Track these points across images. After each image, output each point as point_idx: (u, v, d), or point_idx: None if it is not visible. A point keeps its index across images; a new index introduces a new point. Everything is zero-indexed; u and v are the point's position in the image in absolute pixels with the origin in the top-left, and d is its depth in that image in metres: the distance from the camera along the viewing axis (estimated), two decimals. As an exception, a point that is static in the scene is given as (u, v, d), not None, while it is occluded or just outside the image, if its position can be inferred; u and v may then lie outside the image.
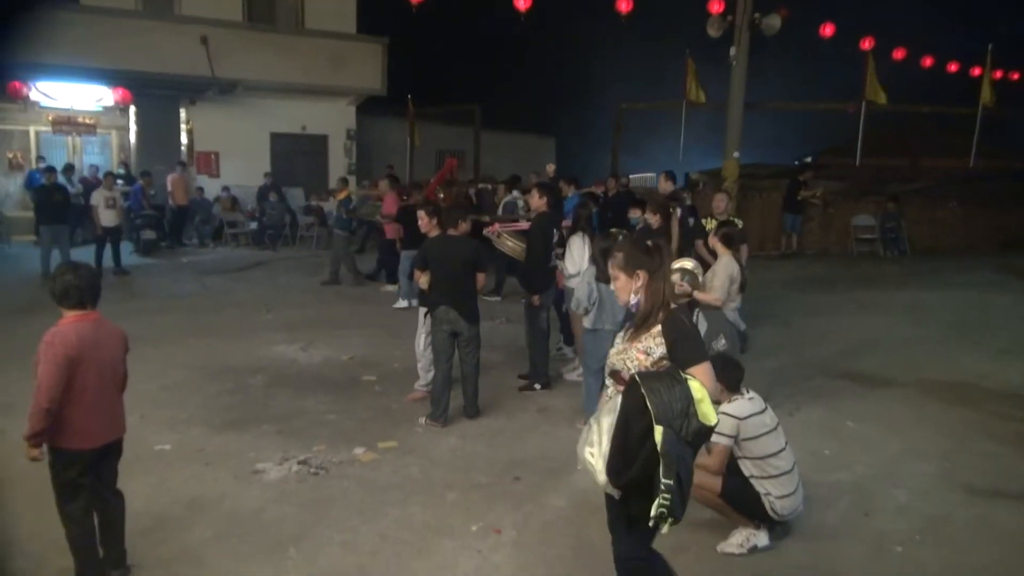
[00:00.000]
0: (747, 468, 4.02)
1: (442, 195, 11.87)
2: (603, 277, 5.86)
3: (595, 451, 2.80)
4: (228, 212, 16.70)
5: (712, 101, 15.34)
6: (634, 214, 7.71)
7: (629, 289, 3.02)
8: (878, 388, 7.15)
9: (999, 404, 6.70)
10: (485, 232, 7.33)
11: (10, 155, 16.21)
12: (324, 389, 6.91)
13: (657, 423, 2.56)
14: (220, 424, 5.95)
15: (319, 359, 7.97)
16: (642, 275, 2.98)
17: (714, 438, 3.99)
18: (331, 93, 17.94)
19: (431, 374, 6.71)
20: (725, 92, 14.20)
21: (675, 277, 6.13)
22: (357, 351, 8.24)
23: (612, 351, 3.06)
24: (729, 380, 4.03)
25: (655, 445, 2.56)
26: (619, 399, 2.77)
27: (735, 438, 3.97)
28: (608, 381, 3.06)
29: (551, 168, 13.48)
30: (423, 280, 6.13)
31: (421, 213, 6.88)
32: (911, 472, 5.23)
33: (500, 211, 12.32)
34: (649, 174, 20.48)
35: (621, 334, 3.10)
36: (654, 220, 6.91)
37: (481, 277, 6.20)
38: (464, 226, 6.30)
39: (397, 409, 6.45)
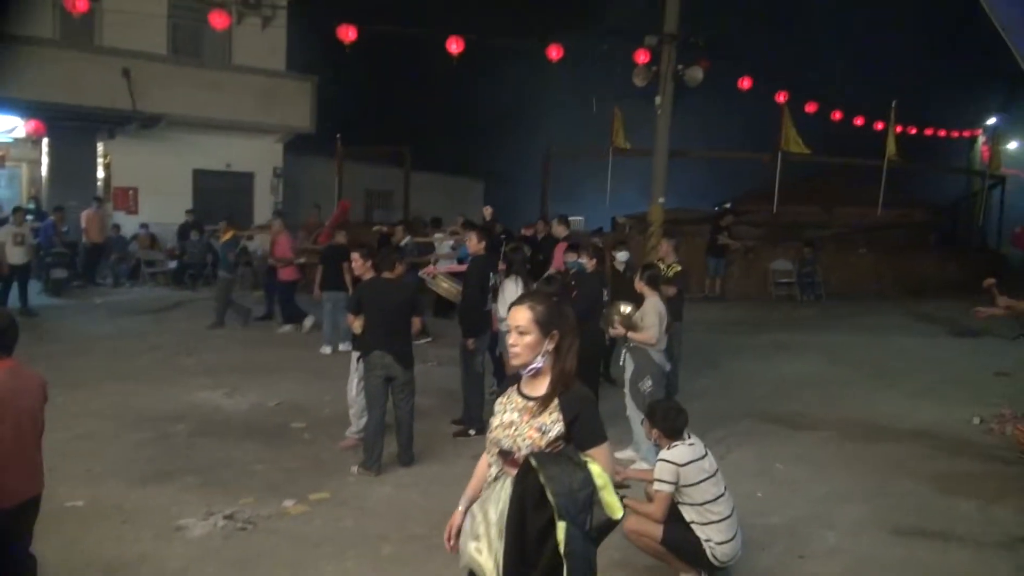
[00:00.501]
0: (688, 514, 4.04)
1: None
2: None
3: (483, 548, 2.43)
4: (146, 250, 16.10)
5: (639, 147, 15.79)
6: (569, 257, 7.80)
7: (537, 351, 2.51)
8: (803, 429, 7.36)
9: (914, 443, 6.99)
10: (420, 273, 7.27)
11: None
12: (251, 437, 6.65)
13: (560, 518, 2.21)
14: (139, 477, 5.63)
15: (245, 406, 7.68)
16: (556, 337, 2.53)
17: (656, 485, 4.01)
18: (258, 130, 17.66)
19: (363, 420, 6.55)
20: (650, 140, 14.64)
21: (614, 319, 6.24)
22: (285, 397, 7.98)
23: (496, 422, 2.57)
24: (671, 426, 4.07)
25: (557, 545, 2.22)
26: (508, 486, 2.41)
27: (676, 484, 3.99)
28: (492, 459, 2.57)
29: (488, 211, 13.54)
30: (356, 324, 6.02)
31: (355, 255, 6.79)
32: (840, 513, 5.36)
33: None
34: (579, 217, 20.85)
35: (504, 400, 2.62)
36: (589, 264, 6.99)
37: (417, 321, 6.13)
38: (400, 268, 6.24)
39: (328, 458, 6.25)
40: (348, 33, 11.55)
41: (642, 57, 13.73)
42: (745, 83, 15.71)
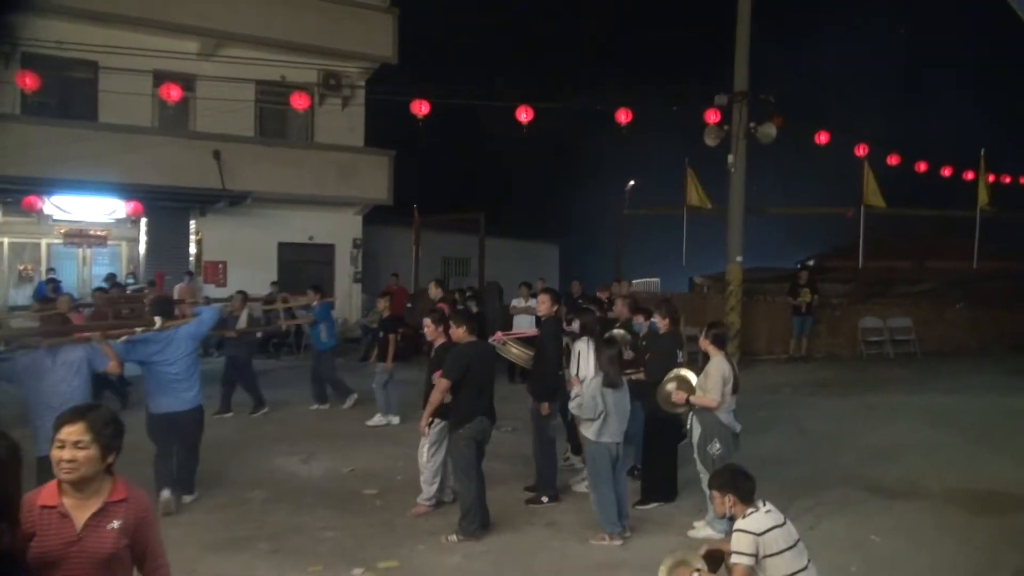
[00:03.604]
0: (770, 589, 3.76)
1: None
2: (609, 382, 5.75)
3: None
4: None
5: (713, 205, 15.59)
6: (636, 320, 7.64)
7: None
8: (901, 498, 6.85)
9: (1028, 514, 6.40)
10: (491, 340, 7.24)
11: (21, 267, 16.42)
12: (324, 503, 6.66)
13: None
14: (213, 543, 5.68)
15: (320, 471, 7.73)
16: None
17: (734, 558, 3.76)
18: (338, 204, 18.32)
19: (434, 487, 6.50)
20: (725, 197, 14.45)
21: (670, 386, 6.07)
22: (359, 463, 8.00)
23: None
24: (741, 491, 3.82)
25: None
26: None
27: (756, 556, 3.73)
28: None
29: (577, 286, 13.67)
30: (443, 389, 5.91)
31: (427, 321, 6.83)
32: (944, 591, 4.92)
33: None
34: (655, 279, 20.66)
35: None
36: (662, 325, 6.82)
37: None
38: (461, 332, 6.20)
39: (399, 525, 6.17)
40: (421, 107, 11.96)
41: (713, 116, 13.69)
42: (822, 137, 15.41)
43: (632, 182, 19.38)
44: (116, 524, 2.51)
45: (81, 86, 15.94)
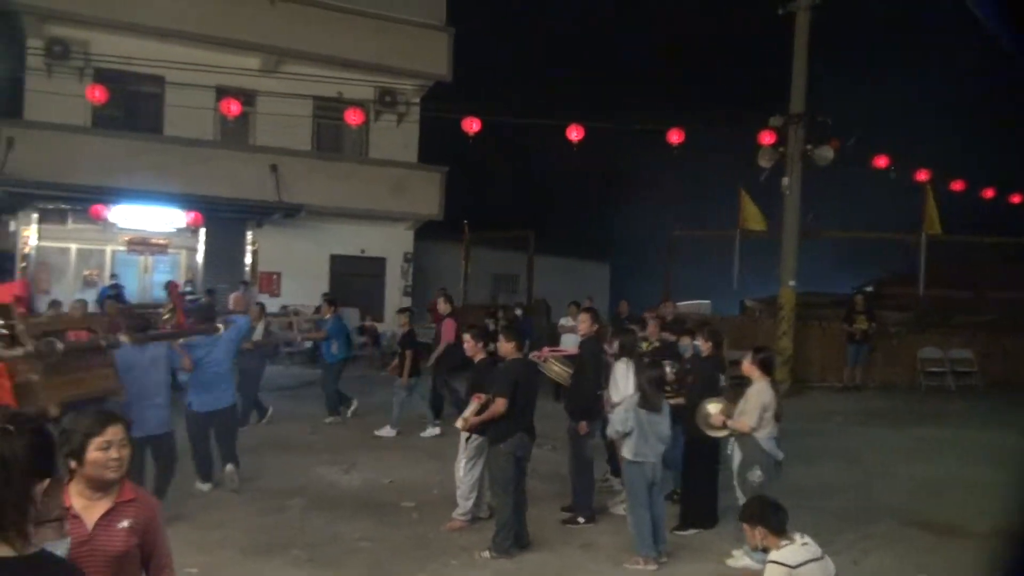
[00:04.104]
0: (805, 624, 3.64)
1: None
2: (648, 405, 5.68)
3: None
4: (285, 331, 17.03)
5: (766, 228, 15.34)
6: (683, 341, 7.54)
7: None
8: (952, 537, 6.57)
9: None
10: (531, 356, 7.24)
11: (86, 273, 17.06)
12: (361, 514, 6.71)
13: None
14: (252, 547, 5.78)
15: (359, 482, 7.81)
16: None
17: (767, 590, 3.66)
18: (390, 218, 18.59)
19: (470, 502, 6.49)
20: (778, 219, 14.21)
21: (710, 407, 5.95)
22: (398, 475, 8.05)
23: None
24: (771, 523, 3.71)
25: None
26: None
27: (790, 590, 3.62)
28: None
29: (625, 306, 13.61)
30: (500, 408, 5.88)
31: (467, 336, 6.87)
32: (995, 635, 4.68)
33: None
34: (705, 301, 20.35)
35: None
36: (705, 348, 6.72)
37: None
38: (510, 347, 6.21)
39: (433, 539, 6.19)
40: (472, 125, 12.09)
41: (767, 138, 13.50)
42: (881, 161, 15.05)
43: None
44: (126, 523, 2.57)
45: (148, 100, 16.61)
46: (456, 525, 6.43)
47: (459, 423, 6.31)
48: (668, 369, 5.83)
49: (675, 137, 12.91)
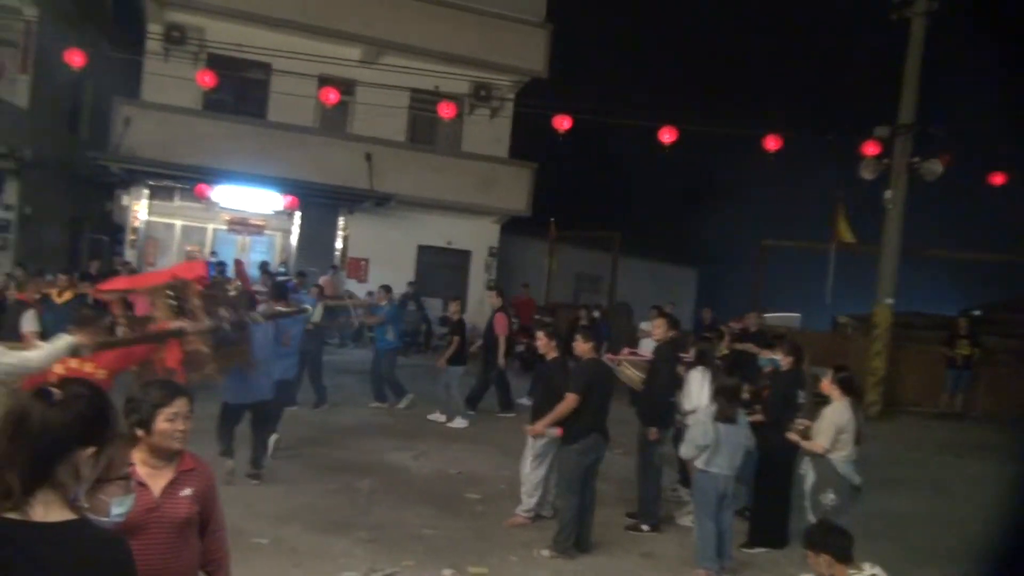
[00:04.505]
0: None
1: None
2: (722, 416, 5.52)
3: None
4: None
5: (864, 243, 14.66)
6: (764, 355, 7.29)
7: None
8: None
9: None
10: (605, 358, 7.15)
11: (189, 248, 17.93)
12: (426, 502, 6.80)
13: None
14: (319, 524, 5.93)
15: (428, 470, 7.91)
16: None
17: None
18: (478, 211, 18.75)
19: (534, 499, 6.47)
20: (878, 234, 13.57)
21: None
22: (467, 466, 8.12)
23: None
24: (835, 550, 3.50)
25: None
26: None
27: (856, 622, 3.44)
28: None
29: (708, 313, 13.32)
30: (571, 404, 5.82)
31: (540, 334, 6.84)
32: None
33: None
34: (794, 314, 19.68)
35: None
36: (784, 362, 6.47)
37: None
38: (586, 347, 6.15)
39: (494, 532, 6.20)
40: (563, 123, 12.04)
41: (871, 148, 12.89)
42: (997, 178, 14.13)
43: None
44: (188, 492, 2.66)
45: (254, 86, 17.30)
46: (518, 521, 6.42)
47: (528, 428, 6.24)
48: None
49: (772, 143, 12.48)
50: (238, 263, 9.67)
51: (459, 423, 10.01)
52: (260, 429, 6.96)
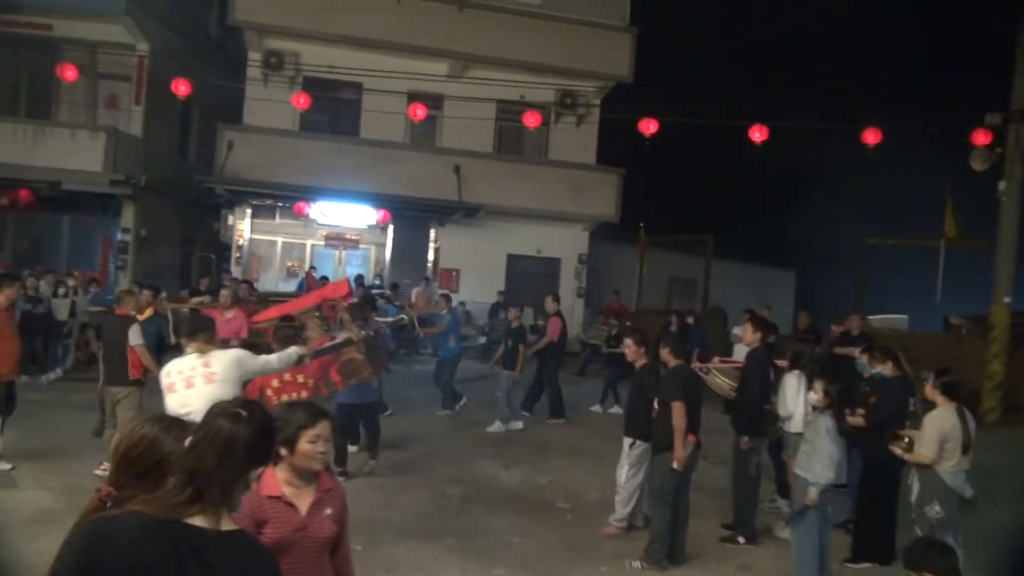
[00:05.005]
0: None
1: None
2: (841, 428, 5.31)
3: None
4: (462, 325, 17.68)
5: (977, 238, 13.80)
6: (862, 359, 6.92)
7: None
8: None
9: None
10: (694, 367, 6.98)
11: (289, 264, 18.70)
12: (516, 510, 6.83)
13: None
14: (411, 531, 6.05)
15: (518, 478, 7.94)
16: None
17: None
18: (567, 219, 18.73)
19: (628, 509, 6.39)
20: (991, 229, 12.75)
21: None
22: (558, 475, 8.10)
23: None
24: (938, 568, 3.25)
25: None
26: None
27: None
28: None
29: (805, 316, 12.87)
30: (681, 413, 5.67)
31: (629, 341, 6.76)
32: None
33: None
34: (901, 316, 18.69)
35: None
36: (885, 368, 6.15)
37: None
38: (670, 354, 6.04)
39: (585, 542, 6.16)
40: (649, 126, 11.89)
41: (982, 138, 12.15)
42: None
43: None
44: (329, 511, 2.74)
45: (348, 105, 17.91)
46: (611, 531, 6.36)
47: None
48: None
49: (871, 137, 11.93)
50: (308, 274, 10.19)
51: (515, 425, 10.21)
52: (371, 427, 7.75)
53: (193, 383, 4.58)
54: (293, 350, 5.24)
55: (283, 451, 2.67)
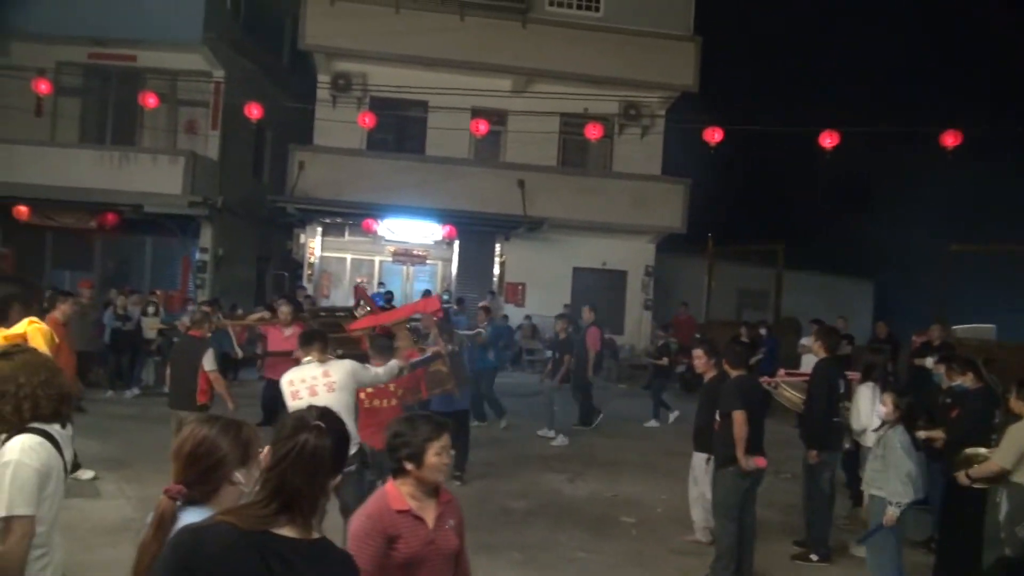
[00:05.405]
0: None
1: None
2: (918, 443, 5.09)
3: None
4: (528, 339, 17.70)
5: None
6: (938, 369, 6.60)
7: None
8: None
9: None
10: (761, 380, 6.78)
11: (358, 280, 19.10)
12: (580, 525, 6.76)
13: None
14: (473, 544, 5.98)
15: (583, 492, 7.87)
16: None
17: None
18: (632, 231, 18.56)
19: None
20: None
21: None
22: (623, 489, 8.00)
23: None
24: None
25: None
26: None
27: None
28: None
29: (884, 327, 12.53)
30: (741, 422, 5.55)
31: (698, 352, 6.61)
32: None
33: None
34: (988, 325, 17.78)
35: None
36: (966, 379, 5.85)
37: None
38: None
39: (650, 557, 6.05)
40: (714, 135, 11.71)
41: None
42: None
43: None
44: (452, 523, 2.78)
45: (414, 123, 18.24)
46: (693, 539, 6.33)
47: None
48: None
49: (950, 140, 11.43)
50: (358, 288, 10.50)
51: (560, 440, 10.24)
52: (462, 435, 7.86)
53: (316, 391, 4.86)
54: (395, 363, 5.56)
55: (409, 466, 2.68)
